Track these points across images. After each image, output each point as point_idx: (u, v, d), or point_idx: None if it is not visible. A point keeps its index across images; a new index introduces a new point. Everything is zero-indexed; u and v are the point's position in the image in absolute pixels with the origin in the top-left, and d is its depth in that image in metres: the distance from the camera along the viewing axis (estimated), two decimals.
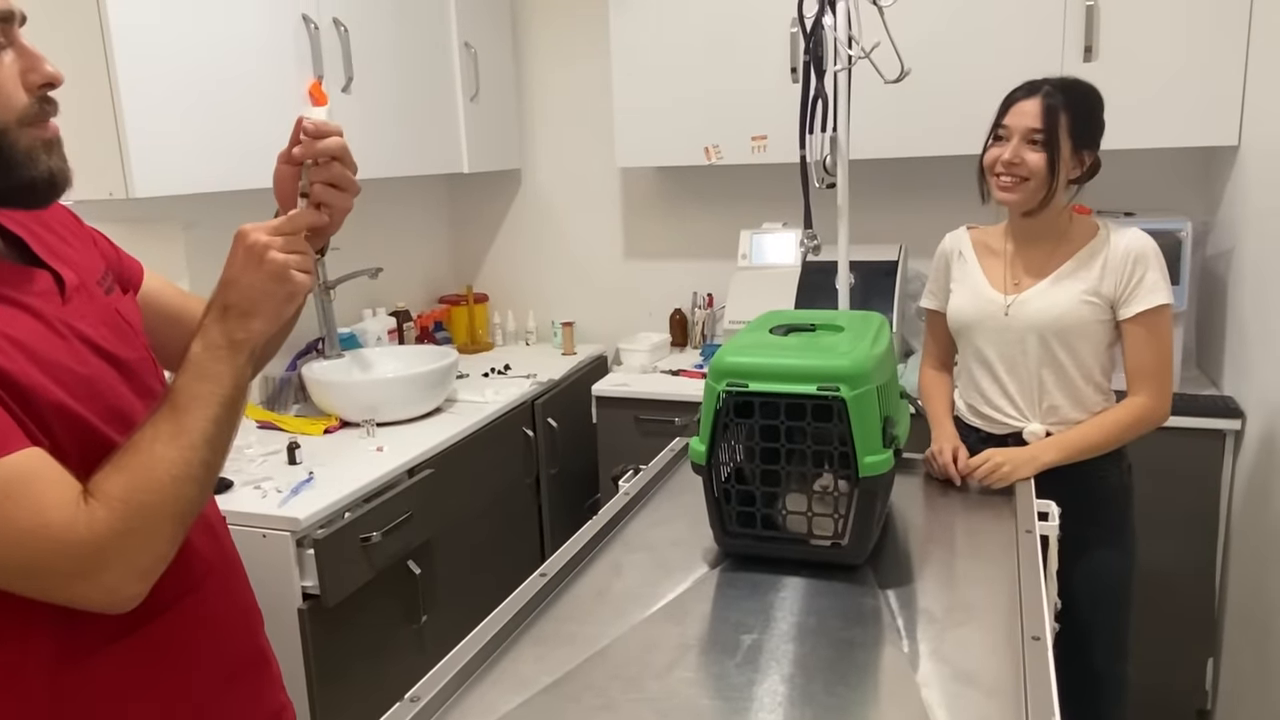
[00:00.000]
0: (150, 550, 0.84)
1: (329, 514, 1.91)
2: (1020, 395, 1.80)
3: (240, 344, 0.90)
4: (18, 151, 0.84)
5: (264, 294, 0.90)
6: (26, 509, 0.78)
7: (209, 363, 0.89)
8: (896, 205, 2.99)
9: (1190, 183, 2.72)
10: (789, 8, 2.38)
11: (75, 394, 0.88)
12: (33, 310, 0.88)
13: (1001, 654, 1.10)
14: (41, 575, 0.81)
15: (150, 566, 0.85)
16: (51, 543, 0.79)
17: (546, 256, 3.55)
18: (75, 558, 0.80)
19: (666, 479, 1.74)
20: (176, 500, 0.86)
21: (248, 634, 1.10)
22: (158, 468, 0.84)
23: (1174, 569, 2.37)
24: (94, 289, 0.99)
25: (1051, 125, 1.66)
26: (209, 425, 0.88)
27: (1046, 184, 1.68)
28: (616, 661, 1.11)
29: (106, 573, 0.82)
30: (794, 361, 1.29)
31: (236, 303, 0.90)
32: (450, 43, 2.95)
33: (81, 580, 0.81)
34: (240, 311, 0.90)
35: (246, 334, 0.90)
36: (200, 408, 0.87)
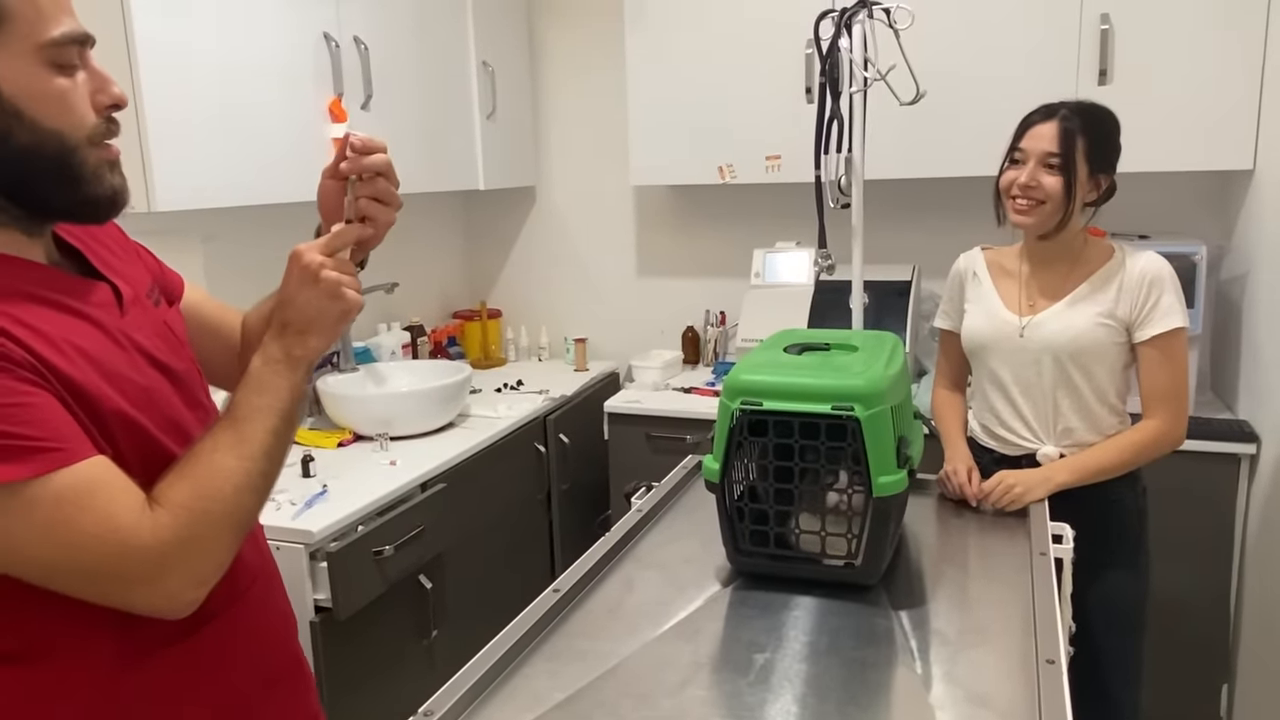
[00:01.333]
0: (210, 558, 0.88)
1: (342, 527, 1.92)
2: (1034, 417, 1.79)
3: (297, 360, 0.95)
4: (86, 169, 0.87)
5: (319, 312, 0.95)
6: (95, 515, 0.81)
7: (268, 377, 0.94)
8: (910, 225, 3.00)
9: (1205, 206, 2.72)
10: (804, 29, 2.40)
11: (136, 403, 0.91)
12: (94, 321, 0.91)
13: (1016, 677, 1.09)
14: (105, 580, 0.83)
15: (209, 574, 0.88)
16: (118, 548, 0.82)
17: (560, 273, 3.57)
18: (140, 563, 0.83)
19: (679, 496, 1.74)
20: (237, 509, 0.89)
21: (287, 640, 1.13)
22: (219, 476, 0.88)
23: (1189, 594, 2.35)
24: (145, 301, 1.01)
25: (1068, 149, 1.66)
26: (267, 437, 0.92)
27: (1063, 207, 1.68)
28: (629, 679, 1.11)
29: (168, 579, 0.85)
30: (809, 381, 1.29)
31: (294, 320, 0.95)
32: (468, 62, 2.98)
33: (144, 586, 0.84)
34: (297, 329, 0.95)
35: (304, 350, 0.95)
36: (260, 420, 0.92)
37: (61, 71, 0.84)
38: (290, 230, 2.61)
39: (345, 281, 0.96)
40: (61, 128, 0.84)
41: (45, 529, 0.79)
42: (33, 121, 0.82)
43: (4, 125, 0.81)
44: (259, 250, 2.54)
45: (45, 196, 0.86)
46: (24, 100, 0.81)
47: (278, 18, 2.16)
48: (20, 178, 0.84)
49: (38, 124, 0.82)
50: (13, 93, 0.81)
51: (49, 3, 0.82)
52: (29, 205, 0.87)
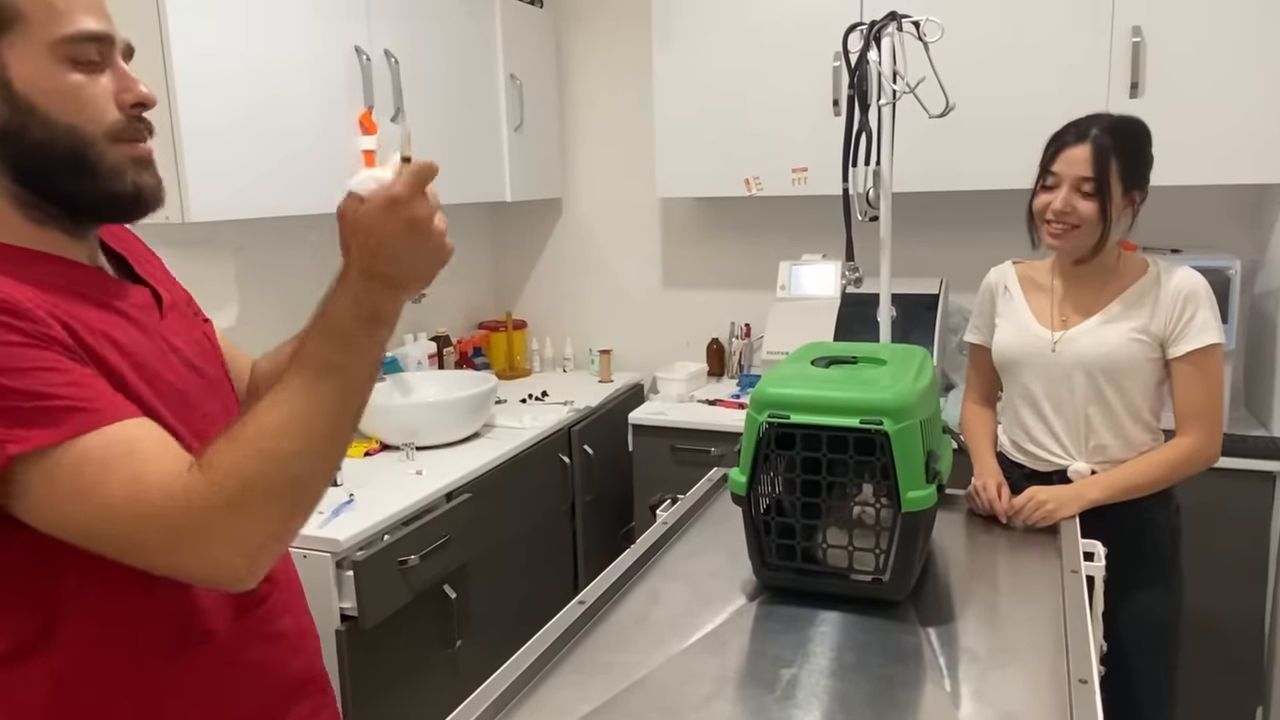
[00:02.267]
0: (257, 526, 0.80)
1: (368, 536, 1.93)
2: (1066, 433, 1.77)
3: (388, 318, 0.86)
4: (103, 164, 0.87)
5: (426, 267, 0.86)
6: (121, 479, 0.78)
7: (357, 333, 0.84)
8: (937, 238, 2.98)
9: (1239, 220, 2.68)
10: (830, 42, 2.40)
11: (168, 403, 0.91)
12: (132, 319, 0.92)
13: (1046, 697, 1.08)
14: (145, 549, 0.79)
15: (259, 544, 0.81)
16: (148, 512, 0.78)
17: (585, 284, 3.58)
18: (172, 528, 0.78)
19: (705, 509, 1.73)
20: (292, 476, 0.81)
21: (307, 655, 1.10)
22: (274, 437, 0.81)
23: (1223, 613, 2.31)
24: (184, 310, 1.04)
25: (1102, 173, 1.64)
26: (340, 400, 0.83)
27: (1098, 231, 1.66)
28: (655, 692, 1.10)
29: (210, 546, 0.79)
30: (837, 394, 1.29)
31: (395, 275, 0.84)
32: (496, 75, 3.00)
33: (184, 553, 0.79)
34: (395, 282, 0.84)
35: (395, 306, 0.86)
36: (336, 379, 0.83)
37: (77, 68, 0.85)
38: (322, 242, 2.65)
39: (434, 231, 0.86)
40: (75, 123, 0.85)
41: (75, 494, 0.77)
42: (46, 117, 0.83)
43: (19, 121, 0.83)
44: (290, 261, 2.56)
45: (67, 191, 0.87)
46: (37, 96, 0.83)
47: (310, 31, 2.19)
48: (40, 172, 0.85)
49: (51, 119, 0.84)
50: (25, 89, 0.83)
51: (65, 2, 0.84)
52: (57, 201, 0.87)
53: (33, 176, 0.85)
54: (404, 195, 0.82)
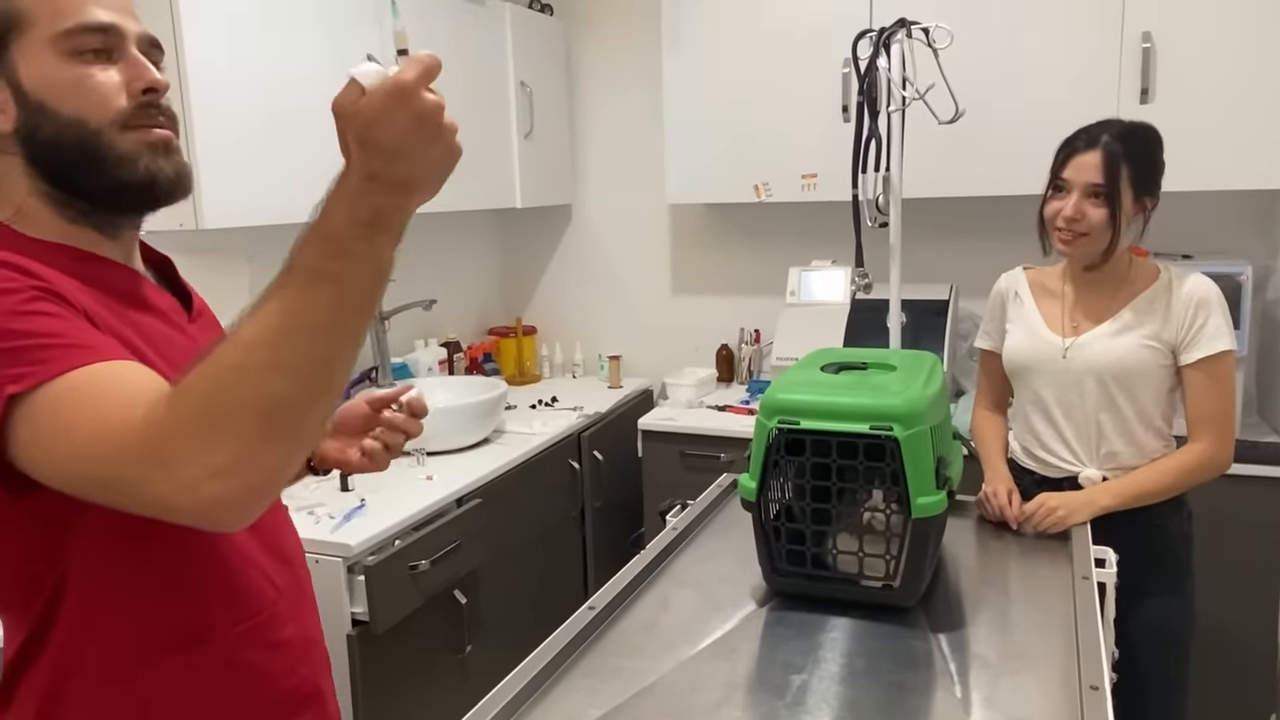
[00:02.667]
0: (223, 446, 0.71)
1: (379, 541, 1.94)
2: (1077, 440, 1.77)
3: (391, 225, 0.75)
4: (113, 153, 0.87)
5: (435, 166, 0.76)
6: (89, 409, 0.74)
7: (351, 240, 0.72)
8: (947, 244, 2.98)
9: (1250, 226, 2.67)
10: (840, 48, 2.40)
11: None
12: (162, 315, 0.94)
13: (1058, 703, 1.08)
14: (109, 481, 0.75)
15: (227, 465, 0.71)
16: (105, 440, 0.73)
17: (595, 290, 3.59)
18: (128, 454, 0.73)
19: (714, 515, 1.74)
20: (259, 393, 0.72)
21: (310, 670, 1.08)
22: (242, 348, 0.72)
23: (1235, 620, 2.30)
24: (211, 318, 1.07)
25: (1113, 179, 1.64)
26: (330, 314, 0.73)
27: (1107, 238, 1.66)
28: (665, 697, 1.10)
29: (173, 468, 0.72)
30: (847, 400, 1.29)
31: (402, 175, 0.73)
32: (507, 82, 3.02)
33: (148, 481, 0.72)
34: (402, 185, 0.74)
35: (403, 213, 0.75)
36: (326, 289, 0.72)
37: (80, 59, 0.86)
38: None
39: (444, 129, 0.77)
40: (81, 114, 0.86)
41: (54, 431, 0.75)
42: (54, 112, 0.85)
43: (34, 120, 0.85)
44: None
45: (82, 184, 0.88)
46: (44, 92, 0.85)
47: (323, 39, 2.20)
48: (59, 168, 0.87)
49: (58, 113, 0.85)
50: (32, 87, 0.85)
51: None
52: (82, 196, 0.89)
53: (56, 174, 0.87)
54: (411, 83, 0.73)
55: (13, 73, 0.85)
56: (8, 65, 0.85)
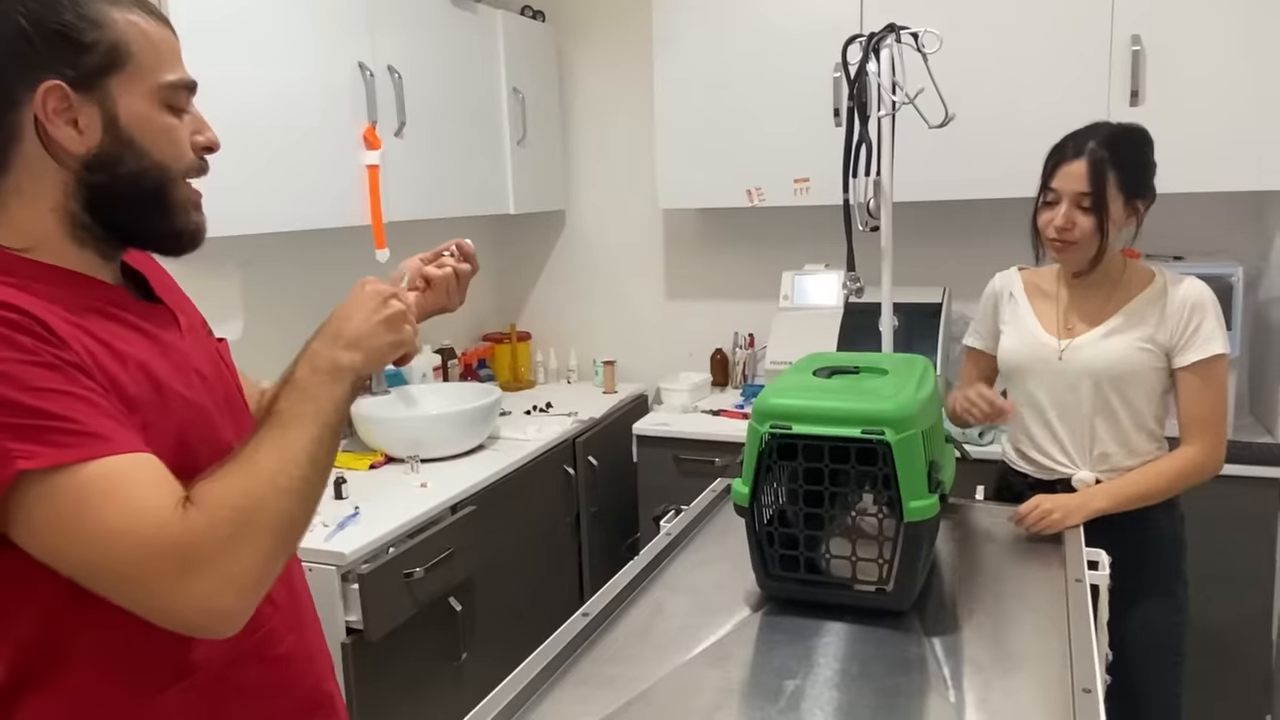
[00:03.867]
0: (245, 561, 0.83)
1: (373, 549, 1.93)
2: (1071, 442, 1.77)
3: (344, 371, 0.94)
4: (178, 202, 0.94)
5: (374, 333, 0.96)
6: (120, 508, 0.79)
7: (314, 385, 0.92)
8: (939, 247, 2.99)
9: (1241, 227, 2.68)
10: (832, 52, 2.41)
11: (190, 423, 0.93)
12: (157, 340, 0.95)
13: (1052, 706, 1.08)
14: (133, 580, 0.80)
15: (247, 581, 0.83)
16: (142, 543, 0.79)
17: (589, 296, 3.59)
18: (164, 559, 0.80)
19: (708, 520, 1.73)
20: (275, 512, 0.86)
21: (315, 678, 1.09)
22: (257, 476, 0.85)
23: (1230, 622, 2.30)
24: (201, 330, 1.07)
25: (1099, 187, 1.64)
26: (311, 444, 0.89)
27: (1096, 244, 1.67)
28: (659, 704, 1.10)
29: (198, 580, 0.81)
30: (838, 404, 1.29)
31: (348, 334, 0.95)
32: (499, 89, 3.02)
33: (173, 587, 0.80)
34: (348, 342, 0.95)
35: (351, 362, 0.94)
36: (303, 426, 0.89)
37: (171, 111, 0.93)
38: (327, 256, 2.67)
39: (408, 317, 1.00)
40: (166, 160, 0.92)
41: (74, 519, 0.78)
42: (143, 151, 0.90)
43: (117, 152, 0.89)
44: (296, 276, 2.58)
45: (136, 223, 0.93)
46: (138, 131, 0.90)
47: (314, 48, 2.20)
48: (119, 202, 0.91)
49: (147, 154, 0.91)
50: (129, 123, 0.89)
51: (167, 50, 0.92)
52: (117, 230, 0.93)
53: (106, 203, 0.90)
54: (371, 279, 1.00)
55: (111, 104, 0.88)
56: (107, 95, 0.88)
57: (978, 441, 2.45)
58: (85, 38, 0.86)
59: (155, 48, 0.91)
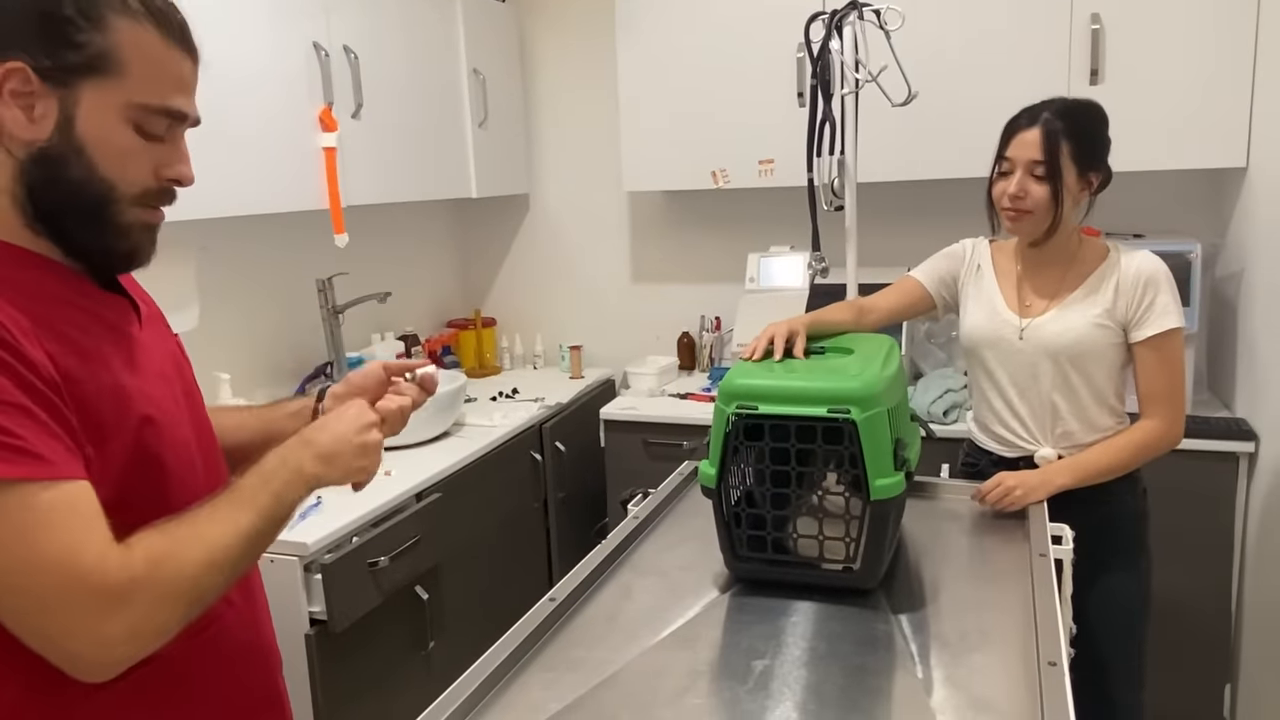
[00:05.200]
0: (159, 620, 0.84)
1: (336, 539, 1.90)
2: (1032, 419, 1.78)
3: (307, 478, 0.97)
4: (118, 222, 0.90)
5: (346, 454, 1.00)
6: (58, 538, 0.78)
7: (278, 480, 0.95)
8: (904, 228, 2.99)
9: (1199, 205, 2.72)
10: (795, 32, 2.40)
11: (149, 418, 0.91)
12: (119, 330, 0.93)
13: (1017, 680, 1.08)
14: (52, 610, 0.79)
15: (151, 639, 0.84)
16: (74, 578, 0.79)
17: (554, 280, 3.56)
18: (92, 598, 0.79)
19: (676, 502, 1.73)
20: (205, 587, 0.87)
21: (264, 675, 1.09)
22: (199, 547, 0.87)
23: (1190, 593, 2.34)
24: (159, 321, 1.05)
25: (1053, 155, 1.65)
26: (255, 533, 0.91)
27: (1051, 214, 1.67)
28: (626, 688, 1.09)
29: (111, 625, 0.80)
30: (804, 384, 1.28)
31: (323, 445, 0.99)
32: (459, 70, 2.97)
33: (86, 625, 0.80)
34: (320, 454, 0.98)
35: (315, 472, 0.98)
36: (256, 513, 0.91)
37: (139, 133, 0.89)
38: (283, 239, 2.62)
39: (380, 451, 1.05)
40: (112, 179, 0.88)
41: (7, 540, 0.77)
42: (90, 163, 0.86)
43: (63, 154, 0.85)
44: (251, 259, 2.52)
45: (72, 229, 0.89)
46: (91, 142, 0.86)
47: (267, 28, 2.15)
48: (58, 205, 0.87)
49: (95, 167, 0.87)
50: (84, 130, 0.85)
51: (170, 76, 0.89)
52: (54, 232, 0.89)
53: (45, 201, 0.87)
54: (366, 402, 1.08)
55: (72, 106, 0.85)
56: (72, 96, 0.84)
57: (943, 420, 2.47)
58: (76, 35, 0.83)
59: (155, 69, 0.88)
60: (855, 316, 1.81)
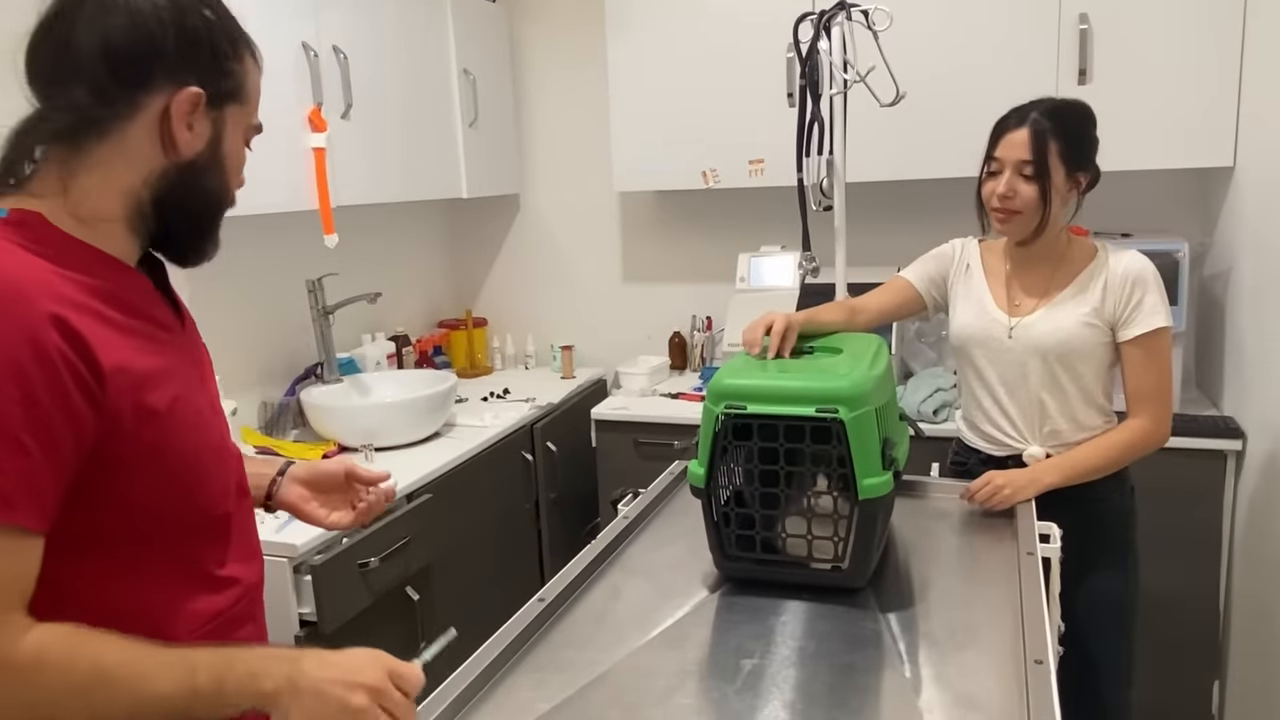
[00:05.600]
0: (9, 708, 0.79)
1: (326, 540, 1.90)
2: (1020, 418, 1.79)
3: (264, 696, 0.86)
4: (219, 225, 1.03)
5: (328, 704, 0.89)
6: None
7: (238, 683, 0.85)
8: (893, 227, 3.00)
9: (1187, 204, 2.73)
10: (785, 33, 2.40)
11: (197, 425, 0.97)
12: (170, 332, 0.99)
13: (1005, 678, 1.09)
14: None
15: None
16: None
17: (545, 280, 3.56)
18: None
19: (666, 502, 1.73)
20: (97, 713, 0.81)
21: None
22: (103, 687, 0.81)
23: (1178, 591, 2.35)
24: (193, 325, 1.10)
25: (1041, 155, 1.65)
26: (171, 710, 0.83)
27: (1040, 214, 1.68)
28: (615, 688, 1.09)
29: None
30: (792, 383, 1.29)
31: (300, 695, 0.87)
32: (449, 70, 2.97)
33: None
34: (298, 689, 0.88)
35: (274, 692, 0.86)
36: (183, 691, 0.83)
37: (247, 146, 1.05)
38: (272, 240, 2.61)
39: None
40: (233, 188, 1.03)
41: None
42: (225, 173, 1.01)
43: (208, 166, 0.98)
44: (241, 260, 2.52)
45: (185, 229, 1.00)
46: (228, 156, 1.00)
47: (255, 28, 2.12)
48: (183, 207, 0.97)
49: (226, 177, 1.01)
50: (227, 149, 1.00)
51: (259, 96, 1.04)
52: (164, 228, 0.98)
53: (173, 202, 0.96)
54: (390, 666, 0.98)
55: (221, 125, 0.98)
56: (221, 118, 0.98)
57: (933, 419, 2.48)
58: (230, 67, 0.98)
59: (257, 92, 1.03)
60: (847, 317, 1.82)
